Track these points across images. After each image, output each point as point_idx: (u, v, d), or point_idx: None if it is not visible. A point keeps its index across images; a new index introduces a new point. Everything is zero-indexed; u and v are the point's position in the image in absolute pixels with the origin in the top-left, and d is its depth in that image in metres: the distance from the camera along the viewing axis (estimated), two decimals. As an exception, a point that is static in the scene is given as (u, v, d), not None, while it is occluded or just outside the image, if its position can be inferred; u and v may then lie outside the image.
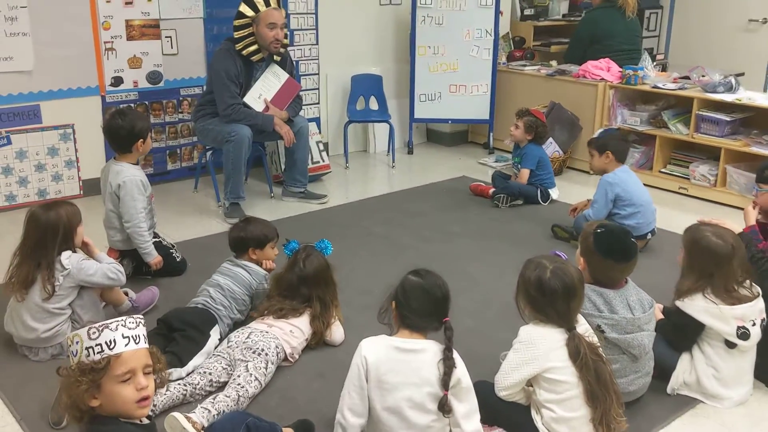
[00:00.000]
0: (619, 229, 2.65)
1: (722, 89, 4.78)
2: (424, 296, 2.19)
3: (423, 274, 2.25)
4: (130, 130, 3.36)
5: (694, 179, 4.90)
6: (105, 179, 3.47)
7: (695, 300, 2.60)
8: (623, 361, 2.48)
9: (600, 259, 2.48)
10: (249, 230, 3.21)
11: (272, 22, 4.38)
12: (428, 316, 2.19)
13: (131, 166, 3.43)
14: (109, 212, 3.46)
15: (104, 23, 4.68)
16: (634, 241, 2.54)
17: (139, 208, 3.38)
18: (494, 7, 5.76)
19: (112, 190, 3.38)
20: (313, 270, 2.99)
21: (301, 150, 4.75)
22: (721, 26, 7.02)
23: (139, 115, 3.55)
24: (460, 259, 3.90)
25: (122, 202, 3.37)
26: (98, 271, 2.88)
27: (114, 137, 3.41)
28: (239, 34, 4.41)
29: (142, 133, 3.40)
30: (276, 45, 4.44)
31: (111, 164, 3.46)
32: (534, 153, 4.72)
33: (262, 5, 4.39)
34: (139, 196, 3.39)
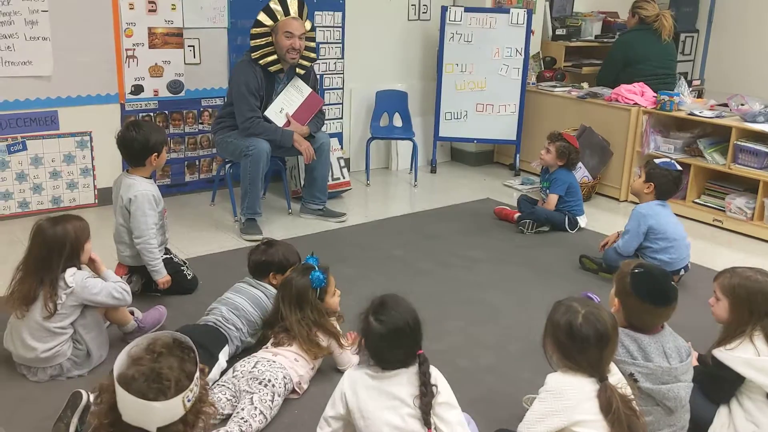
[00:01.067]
0: (659, 270, 2.46)
1: (762, 119, 4.58)
2: (386, 343, 2.10)
3: (384, 317, 2.11)
4: (144, 143, 3.25)
5: (729, 212, 4.68)
6: (116, 192, 3.36)
7: (736, 349, 2.41)
8: (657, 413, 2.29)
9: (637, 301, 2.30)
10: (271, 253, 3.07)
11: (289, 31, 4.27)
12: (396, 359, 2.12)
13: (144, 180, 3.32)
14: (119, 226, 3.34)
15: (126, 30, 4.60)
16: (675, 284, 2.36)
17: (150, 223, 3.27)
18: (525, 26, 5.61)
19: (123, 204, 3.27)
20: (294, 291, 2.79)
21: (322, 167, 4.62)
22: (759, 51, 6.80)
23: (154, 128, 3.44)
24: (481, 287, 3.73)
25: (133, 217, 3.26)
26: (103, 290, 2.75)
27: (127, 149, 3.31)
28: (256, 42, 4.31)
29: (157, 147, 3.29)
30: (293, 55, 4.32)
31: (123, 177, 3.35)
32: (564, 179, 4.54)
33: (281, 14, 4.30)
34: (150, 211, 3.27)
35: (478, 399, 2.67)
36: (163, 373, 1.79)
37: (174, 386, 1.78)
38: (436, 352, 3.01)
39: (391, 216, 4.84)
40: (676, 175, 3.75)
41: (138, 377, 1.78)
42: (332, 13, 5.38)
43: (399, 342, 2.08)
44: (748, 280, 2.44)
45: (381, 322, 2.09)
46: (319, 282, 2.76)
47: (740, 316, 2.43)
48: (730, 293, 2.46)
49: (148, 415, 1.74)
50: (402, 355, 2.10)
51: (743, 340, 2.41)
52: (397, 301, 2.15)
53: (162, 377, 1.78)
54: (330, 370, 2.82)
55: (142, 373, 1.79)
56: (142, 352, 1.85)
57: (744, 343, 2.41)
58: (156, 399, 1.74)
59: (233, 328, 2.86)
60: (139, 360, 1.82)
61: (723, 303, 2.48)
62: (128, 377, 1.78)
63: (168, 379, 1.78)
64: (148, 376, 1.78)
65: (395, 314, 2.10)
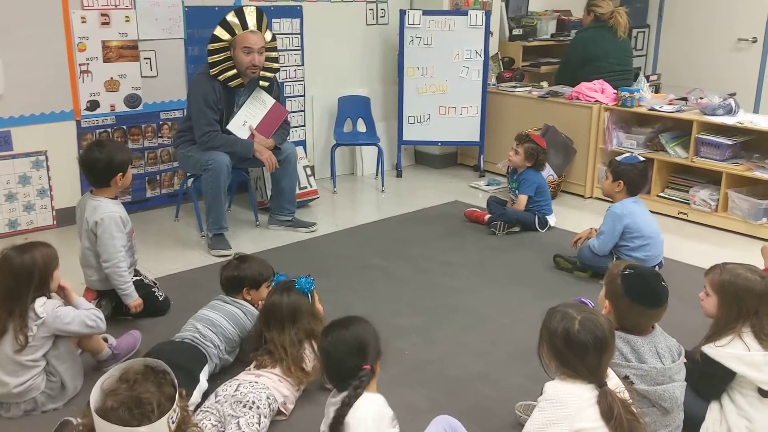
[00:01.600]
0: (649, 271, 2.47)
1: (722, 112, 4.66)
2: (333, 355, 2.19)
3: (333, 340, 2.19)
4: (108, 163, 3.12)
5: (694, 204, 4.76)
6: (81, 215, 3.22)
7: (726, 346, 2.42)
8: (653, 414, 2.29)
9: (629, 304, 2.29)
10: (243, 269, 2.99)
11: (247, 47, 4.15)
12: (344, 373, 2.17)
13: (109, 201, 3.19)
14: (85, 250, 3.21)
15: (79, 44, 4.44)
16: (666, 285, 2.36)
17: (118, 246, 3.14)
18: (484, 28, 5.62)
19: (89, 227, 3.14)
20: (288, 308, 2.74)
21: (289, 177, 4.54)
22: (710, 45, 6.96)
23: (119, 147, 3.31)
24: (462, 293, 3.70)
25: (100, 241, 3.12)
26: (75, 318, 2.63)
27: (91, 170, 3.17)
28: (214, 58, 4.18)
29: (122, 167, 3.15)
30: (253, 70, 4.21)
31: (87, 199, 3.21)
32: (533, 179, 4.56)
33: (238, 28, 4.17)
34: (118, 233, 3.15)
35: (471, 407, 2.64)
36: (144, 398, 1.75)
37: (156, 409, 1.74)
38: (426, 363, 3.00)
39: (362, 223, 4.79)
40: (641, 168, 3.79)
41: (118, 407, 1.73)
42: (290, 20, 5.30)
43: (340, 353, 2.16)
44: (737, 277, 2.44)
45: (326, 335, 2.21)
46: (309, 285, 2.75)
47: (729, 312, 2.44)
48: (719, 290, 2.47)
49: None
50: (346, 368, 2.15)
51: (732, 337, 2.42)
52: (346, 324, 2.23)
53: (143, 402, 1.75)
54: (316, 390, 2.75)
55: (121, 402, 1.74)
56: (116, 383, 1.80)
57: (733, 339, 2.42)
58: (141, 424, 1.70)
59: (211, 345, 2.77)
60: (114, 391, 1.77)
61: (712, 299, 2.48)
62: (107, 409, 1.73)
63: (149, 402, 1.75)
64: (128, 404, 1.73)
65: (342, 337, 2.18)
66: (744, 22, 6.73)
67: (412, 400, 2.70)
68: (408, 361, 3.01)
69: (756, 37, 6.68)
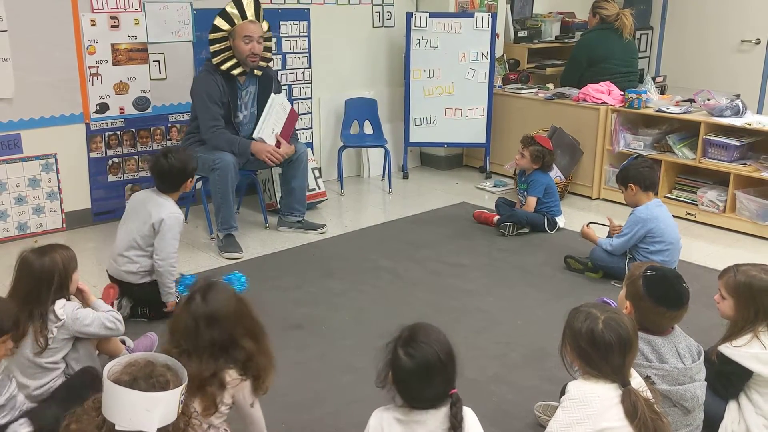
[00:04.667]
0: (672, 272, 2.47)
1: (729, 113, 4.68)
2: (415, 379, 1.88)
3: (413, 350, 1.87)
4: (182, 170, 3.34)
5: (702, 205, 4.78)
6: (142, 207, 3.35)
7: (743, 345, 2.43)
8: (674, 414, 2.30)
9: (651, 305, 2.30)
10: None
11: (248, 35, 4.21)
12: (425, 398, 1.91)
13: (174, 204, 3.37)
14: (134, 238, 3.30)
15: (89, 47, 4.44)
16: (687, 286, 2.37)
17: (176, 247, 3.32)
18: (490, 30, 5.63)
19: (152, 221, 3.27)
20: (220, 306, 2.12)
21: (300, 178, 4.55)
22: (714, 47, 6.99)
23: (189, 155, 3.50)
24: (474, 294, 3.71)
25: (161, 238, 3.28)
26: (95, 321, 2.63)
27: (165, 177, 3.36)
28: (215, 47, 4.24)
29: (193, 173, 3.44)
30: (253, 59, 4.26)
31: (153, 195, 3.38)
32: (541, 180, 4.57)
33: (237, 18, 4.22)
34: (178, 235, 3.33)
35: (491, 411, 2.64)
36: (157, 370, 1.77)
37: (172, 381, 1.75)
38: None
39: (370, 225, 4.80)
40: (640, 162, 3.82)
41: (133, 379, 1.72)
42: (297, 22, 5.31)
43: (429, 379, 1.87)
44: (753, 278, 2.45)
45: (410, 356, 1.86)
46: (241, 283, 2.53)
47: (746, 314, 2.45)
48: (734, 292, 2.48)
49: (151, 411, 1.68)
50: (432, 394, 1.90)
51: (751, 337, 2.43)
52: (428, 331, 1.92)
53: (157, 374, 1.76)
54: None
55: (134, 376, 1.74)
56: (123, 367, 1.78)
57: (750, 339, 2.44)
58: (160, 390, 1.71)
59: None
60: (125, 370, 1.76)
61: (728, 301, 2.49)
62: (125, 381, 1.72)
63: (162, 374, 1.76)
64: (142, 377, 1.74)
65: (426, 347, 1.87)
66: (747, 24, 6.76)
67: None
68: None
69: (759, 39, 6.71)
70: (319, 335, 3.29)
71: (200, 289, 2.15)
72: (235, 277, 2.65)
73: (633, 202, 3.79)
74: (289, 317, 3.44)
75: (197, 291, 2.15)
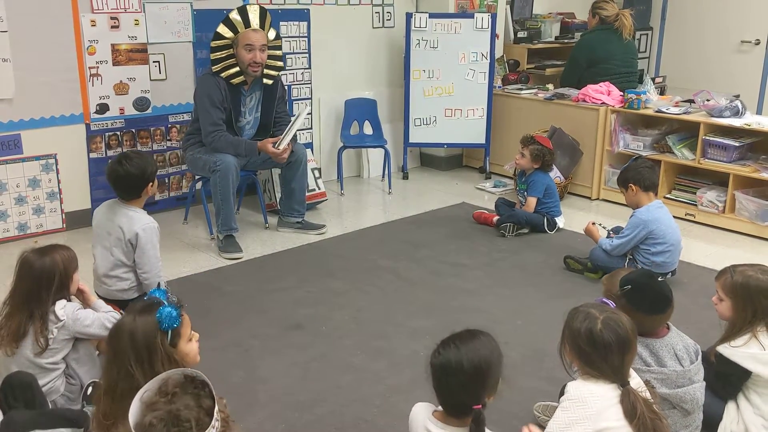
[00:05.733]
0: (646, 277, 2.47)
1: (729, 114, 4.69)
2: (435, 377, 1.89)
3: (443, 349, 1.89)
4: (140, 176, 3.13)
5: (701, 205, 4.79)
6: (109, 222, 3.17)
7: (741, 346, 2.44)
8: (674, 416, 2.31)
9: (642, 315, 2.31)
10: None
11: (249, 44, 4.19)
12: (446, 401, 1.92)
13: (143, 212, 3.20)
14: (117, 257, 3.15)
15: (89, 48, 4.45)
16: (663, 281, 2.39)
17: (159, 256, 3.18)
18: (490, 30, 5.64)
19: (126, 237, 3.11)
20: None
21: (299, 178, 4.55)
22: (713, 48, 6.99)
23: (146, 158, 3.30)
24: (474, 294, 3.72)
25: (141, 252, 3.11)
26: (95, 321, 2.63)
27: (124, 183, 3.15)
28: (217, 55, 4.23)
29: (152, 177, 3.19)
30: (255, 68, 4.25)
31: (118, 207, 3.17)
32: (541, 180, 4.58)
33: (241, 26, 4.21)
34: (158, 243, 3.17)
35: (489, 409, 2.62)
36: (182, 415, 1.69)
37: (195, 426, 1.68)
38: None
39: (370, 225, 4.80)
40: (639, 162, 3.84)
41: (156, 423, 1.67)
42: (297, 23, 5.31)
43: (447, 382, 1.87)
44: (749, 279, 2.45)
45: (438, 353, 1.89)
46: (171, 320, 1.98)
47: (744, 314, 2.45)
48: (732, 293, 2.48)
49: None
50: (451, 400, 1.90)
51: (749, 337, 2.44)
52: (468, 338, 1.90)
53: (181, 419, 1.68)
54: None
55: (160, 419, 1.68)
56: (155, 395, 1.74)
57: (749, 339, 2.44)
58: None
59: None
60: (153, 405, 1.71)
61: (726, 303, 2.50)
62: (146, 426, 1.68)
63: (187, 420, 1.68)
64: (166, 420, 1.68)
65: (454, 351, 1.87)
66: (747, 25, 6.76)
67: (430, 402, 2.70)
68: (423, 362, 2.99)
69: (759, 39, 6.72)
70: (320, 335, 3.29)
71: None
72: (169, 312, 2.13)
73: (634, 203, 3.79)
74: (289, 317, 3.45)
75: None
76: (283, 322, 3.41)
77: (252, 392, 2.82)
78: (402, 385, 2.85)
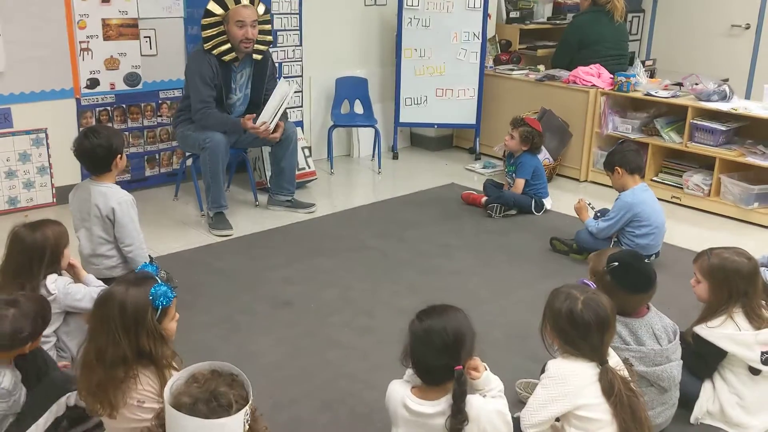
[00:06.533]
0: (632, 256, 2.54)
1: (716, 98, 4.73)
2: (424, 346, 1.96)
3: (425, 316, 1.99)
4: (107, 148, 3.10)
5: (687, 188, 4.84)
6: (85, 202, 3.16)
7: (718, 326, 2.51)
8: (651, 393, 2.38)
9: (625, 294, 2.37)
10: None
11: (240, 20, 4.18)
12: (434, 369, 1.97)
13: (116, 186, 3.19)
14: (95, 238, 3.16)
15: (80, 22, 4.43)
16: (648, 262, 2.45)
17: (139, 228, 3.19)
18: (482, 10, 5.64)
19: (103, 214, 3.12)
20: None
21: (290, 157, 4.57)
22: (704, 31, 7.01)
23: (112, 131, 3.30)
24: (460, 274, 3.77)
25: (121, 226, 3.13)
26: (86, 295, 2.67)
27: (92, 158, 3.14)
28: (208, 33, 4.22)
29: (120, 149, 3.16)
30: (246, 44, 4.25)
31: (91, 186, 3.16)
32: (529, 162, 4.62)
33: (231, 2, 4.20)
34: (135, 216, 3.18)
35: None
36: (220, 391, 1.71)
37: (234, 403, 1.70)
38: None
39: (359, 205, 4.84)
40: (624, 146, 3.90)
41: (194, 402, 1.68)
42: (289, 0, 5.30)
43: (431, 344, 1.94)
44: (725, 261, 2.52)
45: (420, 320, 1.99)
46: (165, 299, 2.05)
47: (720, 296, 2.52)
48: (708, 275, 2.55)
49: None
50: (434, 364, 1.96)
51: (725, 318, 2.50)
52: (447, 310, 2.02)
53: (220, 395, 1.70)
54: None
55: (196, 397, 1.69)
56: (185, 384, 1.75)
57: (725, 320, 2.51)
58: (220, 417, 1.66)
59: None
60: (186, 390, 1.73)
61: (703, 284, 2.57)
62: (186, 404, 1.68)
63: (225, 395, 1.71)
64: (204, 399, 1.69)
65: (436, 319, 1.98)
66: (738, 9, 6.77)
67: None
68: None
69: (749, 24, 6.74)
70: (308, 312, 3.34)
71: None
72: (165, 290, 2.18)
73: (620, 186, 3.84)
74: (278, 294, 3.50)
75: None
76: (272, 299, 3.45)
77: (241, 367, 2.81)
78: (388, 362, 2.87)
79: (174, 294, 2.10)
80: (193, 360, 1.89)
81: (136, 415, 2.04)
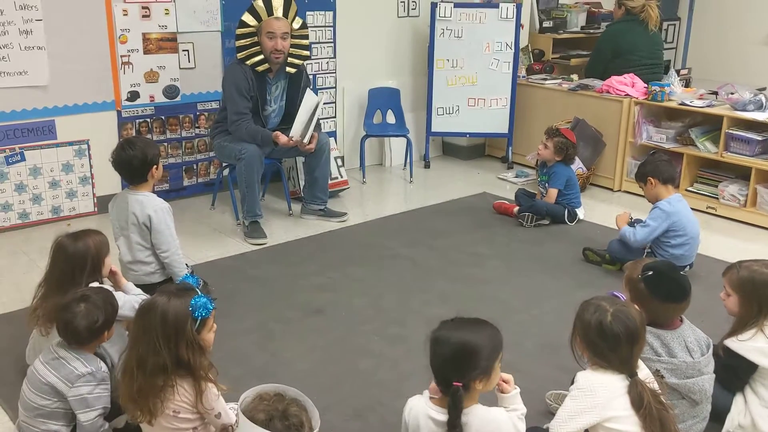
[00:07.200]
0: (667, 266, 2.54)
1: (752, 107, 4.68)
2: (432, 354, 1.97)
3: (441, 326, 2.00)
4: (143, 159, 3.23)
5: (723, 199, 4.79)
6: (123, 212, 3.28)
7: (748, 340, 2.49)
8: (682, 406, 2.37)
9: (659, 303, 2.37)
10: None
11: (271, 31, 4.28)
12: (437, 374, 1.99)
13: (153, 195, 3.31)
14: (134, 245, 3.27)
15: (121, 36, 4.56)
16: (684, 273, 2.44)
17: (174, 234, 3.30)
18: (515, 20, 5.66)
19: (140, 221, 3.23)
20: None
21: (323, 166, 4.65)
22: (740, 39, 6.93)
23: (148, 142, 3.42)
24: (491, 283, 3.79)
25: (157, 232, 3.24)
26: (126, 303, 2.75)
27: (128, 168, 3.26)
28: (242, 43, 4.32)
29: (156, 159, 3.28)
30: (277, 56, 4.33)
31: (129, 195, 3.28)
32: (563, 172, 4.62)
33: (264, 14, 4.30)
34: (171, 223, 3.29)
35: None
36: (291, 412, 1.78)
37: (306, 424, 1.77)
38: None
39: (391, 214, 4.88)
40: (656, 156, 3.90)
41: (270, 418, 1.74)
42: (323, 12, 5.38)
43: (439, 354, 1.95)
44: (755, 273, 2.51)
45: (437, 328, 2.01)
46: (204, 311, 2.14)
47: (750, 309, 2.51)
48: (738, 288, 2.53)
49: None
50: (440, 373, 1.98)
51: (755, 331, 2.49)
52: (464, 323, 2.02)
53: (290, 415, 1.77)
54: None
55: (271, 414, 1.75)
56: (253, 401, 1.81)
57: (755, 333, 2.49)
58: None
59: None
60: (257, 407, 1.78)
61: (733, 298, 2.55)
62: (261, 420, 1.74)
63: (296, 416, 1.77)
64: (278, 416, 1.76)
65: (449, 331, 1.98)
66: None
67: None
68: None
69: (788, 31, 6.65)
70: (339, 320, 3.39)
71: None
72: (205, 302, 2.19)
73: (653, 196, 3.83)
74: (310, 302, 3.56)
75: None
76: (305, 306, 3.51)
77: (274, 374, 2.93)
78: (418, 371, 2.92)
79: (213, 306, 2.18)
80: (229, 366, 1.95)
81: (172, 425, 2.12)
